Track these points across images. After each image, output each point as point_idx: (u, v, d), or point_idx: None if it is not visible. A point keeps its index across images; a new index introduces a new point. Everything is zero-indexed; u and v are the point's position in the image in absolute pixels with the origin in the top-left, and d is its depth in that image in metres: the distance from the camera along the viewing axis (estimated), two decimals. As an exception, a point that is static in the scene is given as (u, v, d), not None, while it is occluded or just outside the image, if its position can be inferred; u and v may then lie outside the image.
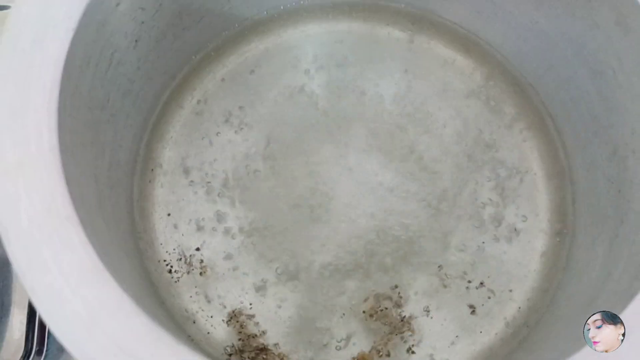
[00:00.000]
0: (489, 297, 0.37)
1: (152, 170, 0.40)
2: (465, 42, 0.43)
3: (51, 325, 0.23)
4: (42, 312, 0.23)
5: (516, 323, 0.37)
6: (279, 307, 0.37)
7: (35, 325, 0.39)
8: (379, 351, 0.36)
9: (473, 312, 0.37)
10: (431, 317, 0.37)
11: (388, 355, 0.36)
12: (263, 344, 0.36)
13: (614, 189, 0.34)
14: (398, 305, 0.37)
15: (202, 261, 0.38)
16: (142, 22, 0.34)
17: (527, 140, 0.41)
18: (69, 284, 0.23)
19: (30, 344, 0.38)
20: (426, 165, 0.40)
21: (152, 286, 0.37)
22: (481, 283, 0.38)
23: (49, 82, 0.26)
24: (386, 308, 0.37)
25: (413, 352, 0.36)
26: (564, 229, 0.39)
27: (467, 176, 0.39)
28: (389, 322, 0.37)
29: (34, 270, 0.23)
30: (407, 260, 0.38)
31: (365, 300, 0.37)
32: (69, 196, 0.24)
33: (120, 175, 0.36)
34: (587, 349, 0.24)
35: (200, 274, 0.38)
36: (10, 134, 0.25)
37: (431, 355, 0.36)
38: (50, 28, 0.27)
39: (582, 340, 0.25)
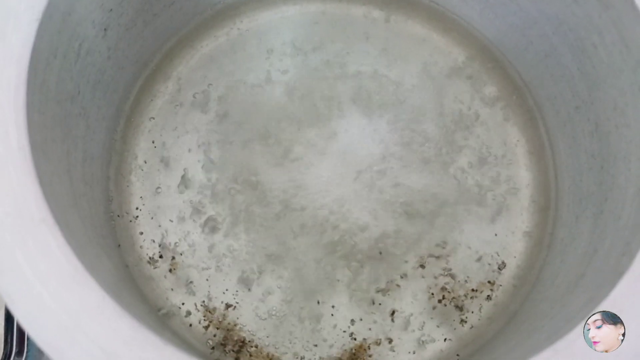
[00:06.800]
0: (473, 277, 0.37)
1: (128, 162, 0.39)
2: (442, 20, 0.42)
3: (31, 332, 0.22)
4: (20, 318, 0.22)
5: (501, 303, 0.37)
6: (261, 299, 0.37)
7: (14, 326, 0.38)
8: (377, 341, 0.36)
9: (459, 293, 0.37)
10: (416, 300, 0.37)
11: (390, 342, 0.36)
12: (244, 337, 0.36)
13: (596, 165, 0.33)
14: (385, 293, 0.37)
15: (182, 254, 0.37)
16: (110, 10, 0.32)
17: (508, 119, 0.40)
18: (48, 288, 0.22)
19: (10, 345, 0.38)
20: (408, 146, 0.39)
21: (132, 282, 0.36)
22: (464, 264, 0.37)
23: (14, 78, 0.25)
24: (374, 300, 0.37)
25: (402, 337, 0.36)
26: (546, 206, 0.39)
27: (448, 156, 0.39)
28: (376, 309, 0.37)
29: (9, 277, 0.22)
30: (389, 245, 0.37)
31: (353, 291, 0.37)
32: (42, 197, 0.23)
33: (95, 170, 0.34)
34: (576, 331, 0.24)
35: (182, 267, 0.37)
36: (-25, 134, 0.24)
37: (419, 339, 0.36)
38: (12, 19, 0.26)
39: (570, 321, 0.25)
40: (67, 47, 0.29)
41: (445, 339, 0.36)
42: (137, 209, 0.38)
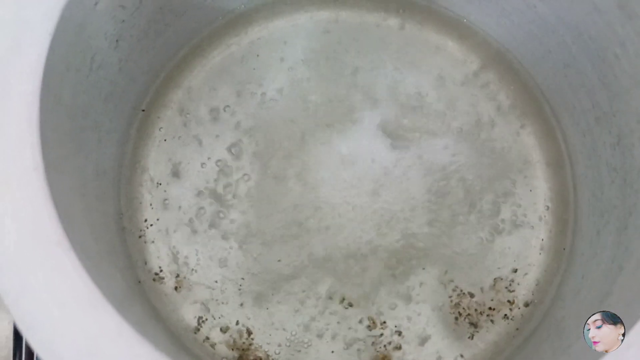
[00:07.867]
0: (490, 292, 0.37)
1: (139, 174, 0.38)
2: (458, 27, 0.41)
3: (48, 358, 0.22)
4: (34, 343, 0.22)
5: (519, 319, 0.36)
6: (278, 316, 0.36)
7: (22, 343, 0.37)
8: (396, 347, 0.36)
9: (475, 309, 0.36)
10: (433, 316, 0.36)
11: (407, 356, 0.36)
12: (260, 357, 0.35)
13: (619, 178, 0.33)
14: (402, 308, 0.36)
15: (194, 269, 0.36)
16: (123, 21, 0.32)
17: (524, 128, 0.40)
18: (64, 313, 0.22)
19: (18, 362, 0.37)
20: (422, 156, 0.38)
21: (144, 298, 0.35)
22: (481, 279, 0.37)
23: (29, 94, 0.24)
24: (384, 322, 0.36)
25: (419, 353, 0.36)
26: (565, 219, 0.38)
27: (464, 166, 0.38)
28: (392, 324, 0.36)
29: (24, 301, 0.22)
30: (406, 259, 0.37)
31: (370, 305, 0.36)
32: (57, 218, 0.23)
33: (106, 185, 0.34)
34: (609, 355, 0.23)
35: (193, 282, 0.36)
36: (-10, 154, 0.23)
37: (435, 356, 0.36)
38: (27, 32, 0.25)
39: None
40: (81, 61, 0.29)
41: (462, 357, 0.36)
42: (145, 220, 0.37)
